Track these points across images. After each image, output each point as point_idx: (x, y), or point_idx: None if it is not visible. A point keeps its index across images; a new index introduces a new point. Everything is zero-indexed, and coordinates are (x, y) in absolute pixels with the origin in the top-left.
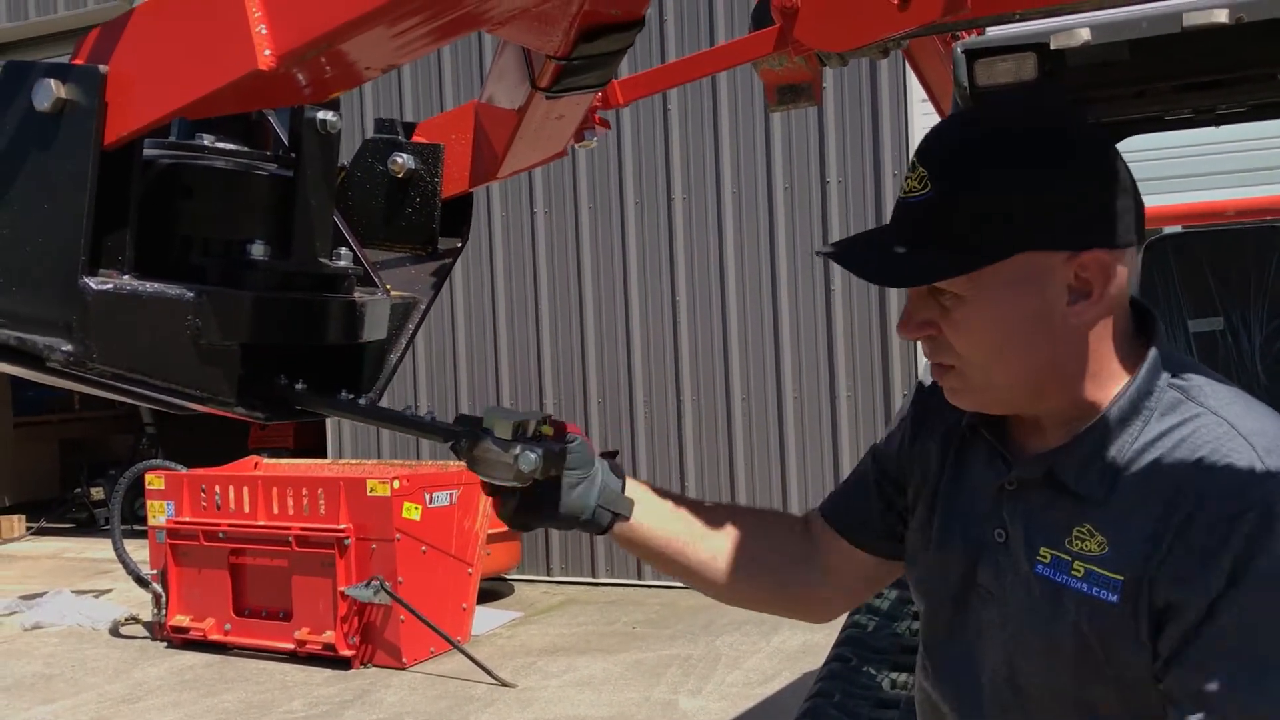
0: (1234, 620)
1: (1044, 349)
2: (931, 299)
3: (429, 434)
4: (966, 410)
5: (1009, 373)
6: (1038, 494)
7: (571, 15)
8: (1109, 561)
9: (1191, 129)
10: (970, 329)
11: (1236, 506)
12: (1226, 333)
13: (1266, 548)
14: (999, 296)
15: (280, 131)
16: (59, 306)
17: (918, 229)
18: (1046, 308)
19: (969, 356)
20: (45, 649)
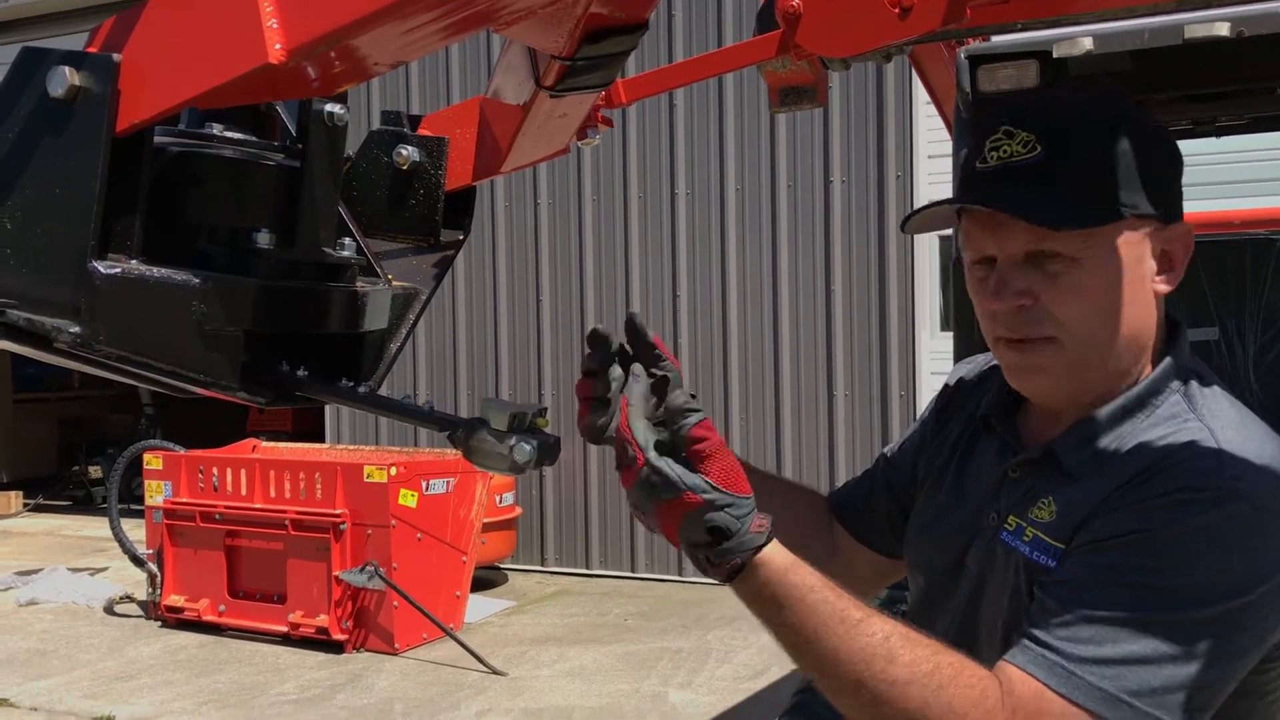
0: (1121, 559)
1: (1134, 318)
2: (1031, 267)
3: (426, 423)
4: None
5: (1108, 342)
6: (1034, 474)
7: (576, 17)
8: (1052, 529)
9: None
10: (1082, 293)
11: (1166, 488)
12: (1221, 342)
13: (1175, 519)
14: (1111, 259)
15: (288, 122)
16: (68, 289)
17: (1037, 185)
18: (1143, 275)
19: (1073, 324)
20: (40, 625)
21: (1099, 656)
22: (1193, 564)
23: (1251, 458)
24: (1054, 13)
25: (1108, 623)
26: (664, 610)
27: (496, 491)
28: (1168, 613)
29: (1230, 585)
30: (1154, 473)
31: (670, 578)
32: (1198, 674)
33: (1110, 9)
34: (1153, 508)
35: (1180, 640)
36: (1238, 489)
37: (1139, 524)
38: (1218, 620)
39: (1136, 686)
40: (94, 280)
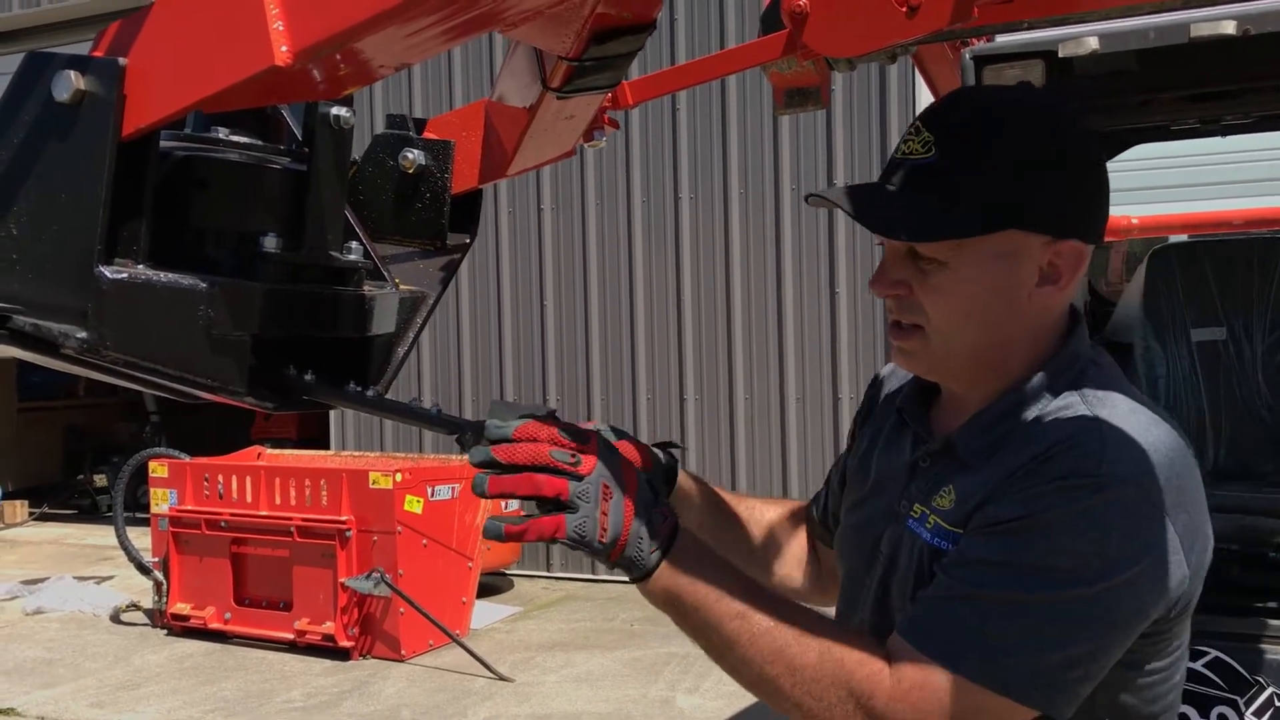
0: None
1: (1005, 324)
2: (910, 261)
3: (434, 426)
4: (911, 386)
5: (969, 341)
6: (939, 464)
7: (584, 17)
8: (950, 515)
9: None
10: (945, 294)
11: (1053, 475)
12: (1229, 342)
13: (1058, 504)
14: (979, 267)
15: (294, 126)
16: (74, 294)
17: (919, 189)
18: (1017, 285)
19: (936, 320)
20: (46, 634)
21: (982, 630)
22: (1072, 547)
23: (1135, 444)
24: (1060, 11)
25: (992, 600)
26: None
27: None
28: (1048, 590)
29: (1107, 565)
30: (1042, 460)
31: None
32: (1075, 648)
33: (1116, 7)
34: (1038, 494)
35: (1059, 617)
36: (1117, 473)
37: (1025, 509)
38: (1095, 598)
39: (1016, 659)
40: (100, 285)
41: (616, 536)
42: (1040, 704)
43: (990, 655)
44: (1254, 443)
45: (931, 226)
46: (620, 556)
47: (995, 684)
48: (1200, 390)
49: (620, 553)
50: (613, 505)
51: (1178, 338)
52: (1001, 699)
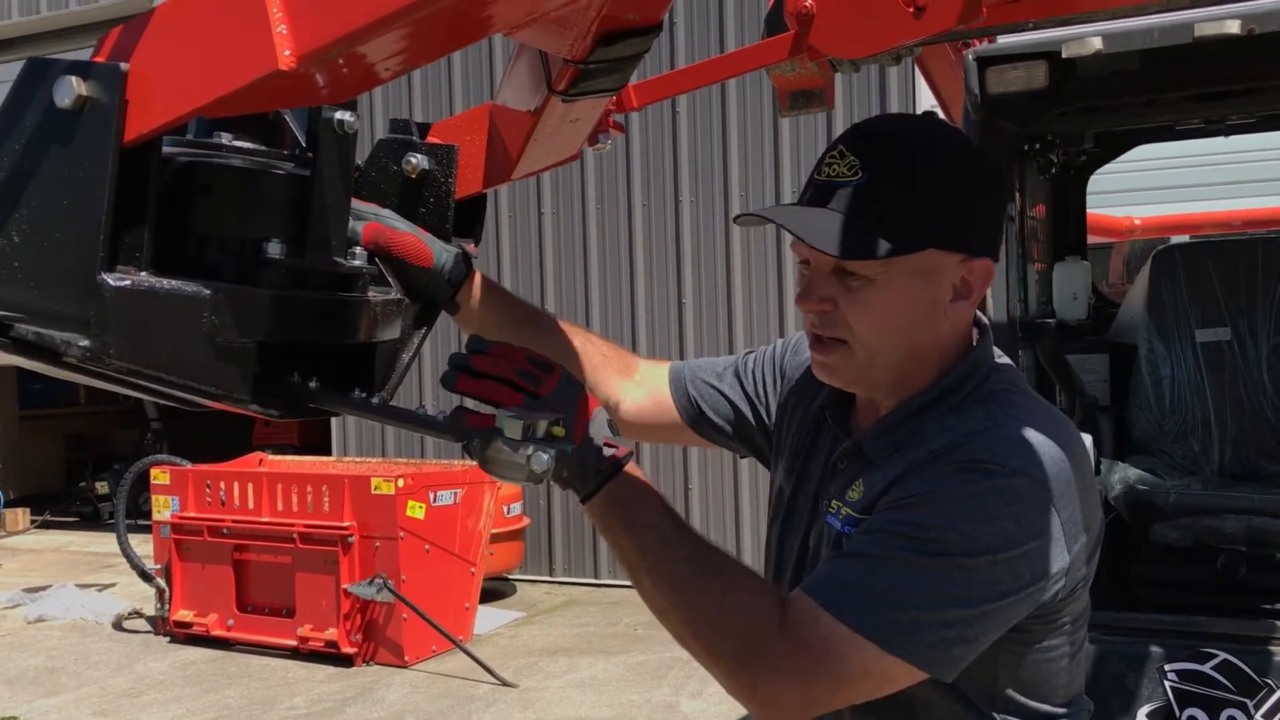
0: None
1: (921, 335)
2: (836, 279)
3: (440, 433)
4: (832, 387)
5: (891, 352)
6: (853, 464)
7: (590, 19)
8: (858, 505)
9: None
10: (872, 308)
11: (954, 461)
12: (1233, 343)
13: (956, 484)
14: (903, 283)
15: (297, 131)
16: (77, 302)
17: (852, 209)
18: (935, 301)
19: (862, 334)
20: (48, 642)
21: (868, 585)
22: (962, 525)
23: (1028, 441)
24: (1065, 11)
25: (881, 560)
26: None
27: (504, 502)
28: (934, 558)
29: (992, 544)
30: (944, 451)
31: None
32: (952, 611)
33: (1122, 7)
34: (938, 476)
35: (941, 581)
36: (1010, 465)
37: (924, 487)
38: (976, 570)
39: (895, 612)
40: (103, 293)
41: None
42: (914, 657)
43: (871, 606)
44: (1260, 444)
45: (870, 245)
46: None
47: (873, 632)
48: (1205, 391)
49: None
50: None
51: (1182, 339)
52: (875, 646)
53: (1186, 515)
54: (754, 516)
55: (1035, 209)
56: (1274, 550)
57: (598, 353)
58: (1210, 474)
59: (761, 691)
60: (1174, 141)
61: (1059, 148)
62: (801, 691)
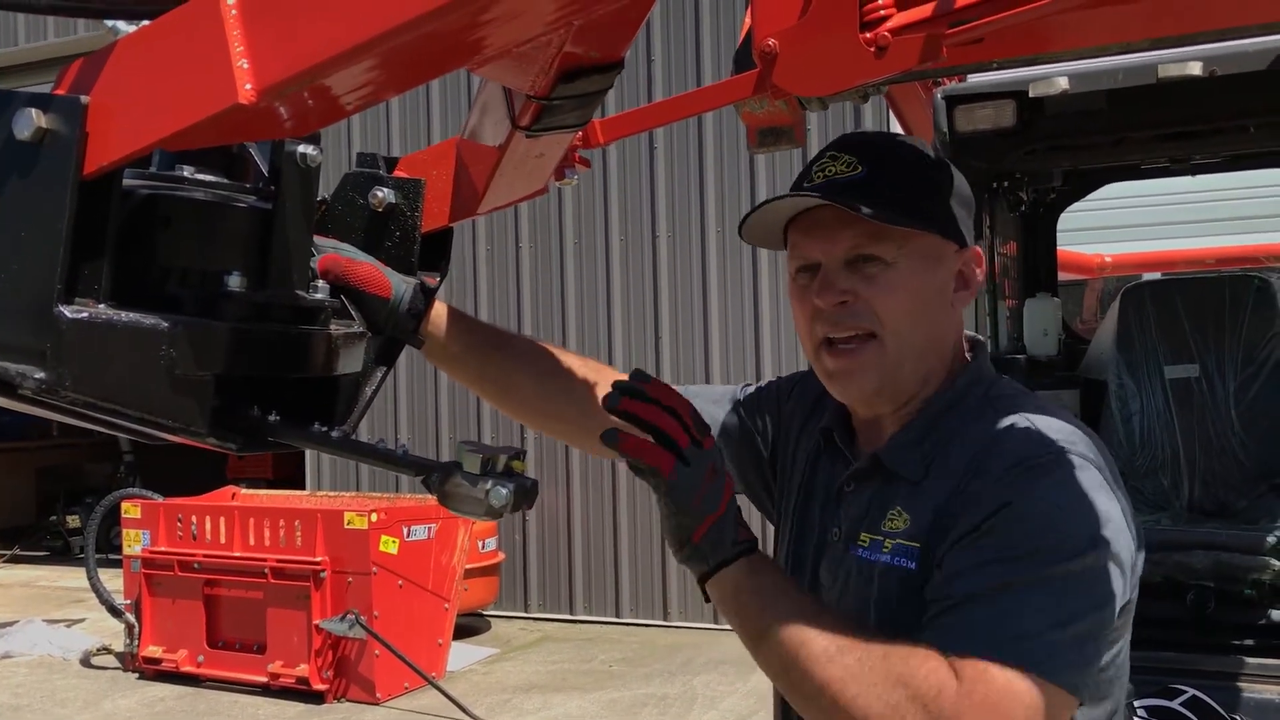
0: (991, 541)
1: (940, 324)
2: (852, 270)
3: (401, 468)
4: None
5: (920, 340)
6: (867, 487)
7: (551, 56)
8: (908, 533)
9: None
10: (896, 289)
11: (1003, 466)
12: (1202, 379)
13: (1023, 490)
14: (919, 265)
15: (261, 164)
16: (33, 334)
17: (858, 197)
18: (943, 288)
19: (890, 319)
20: (14, 679)
21: (1000, 622)
22: (1048, 525)
23: (1063, 430)
24: (1028, 51)
25: (997, 592)
26: (649, 656)
27: (479, 537)
28: (1039, 570)
29: (1085, 537)
30: (984, 458)
31: (655, 622)
32: (1080, 623)
33: (1084, 48)
34: (1001, 487)
35: (1056, 595)
36: (1064, 451)
37: (995, 504)
38: (1084, 572)
39: (1035, 640)
40: (60, 325)
41: (713, 508)
42: (1065, 682)
43: (1016, 640)
44: (1228, 479)
45: (892, 216)
46: (704, 536)
47: (1030, 665)
48: (1174, 427)
49: (703, 533)
50: (715, 483)
51: (1151, 375)
52: (1042, 680)
53: (1156, 551)
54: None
55: (1006, 246)
56: (1243, 586)
57: (579, 371)
58: (1179, 509)
59: None
60: (1142, 180)
61: (1028, 185)
62: None
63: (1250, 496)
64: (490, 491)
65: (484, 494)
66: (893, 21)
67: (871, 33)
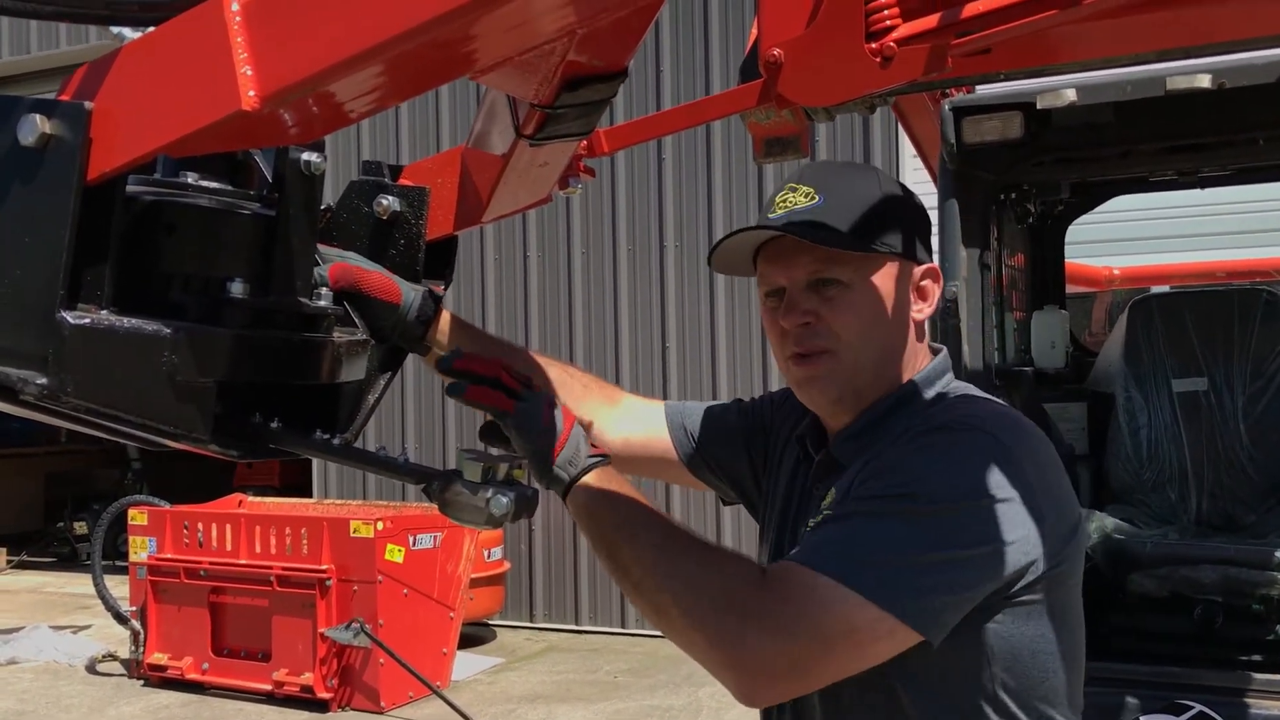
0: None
1: (895, 336)
2: (813, 292)
3: (401, 475)
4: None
5: (874, 353)
6: (828, 484)
7: (554, 64)
8: (831, 504)
9: (1176, 191)
10: (853, 310)
11: (913, 432)
12: (1210, 392)
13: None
14: (875, 286)
15: (265, 171)
16: (35, 339)
17: (814, 226)
18: (902, 304)
19: (846, 337)
20: (19, 685)
21: (844, 540)
22: (926, 477)
23: (991, 412)
24: (1036, 63)
25: (853, 519)
26: (654, 667)
27: (484, 546)
28: (901, 506)
29: (955, 491)
30: (906, 430)
31: (661, 634)
32: (930, 554)
33: (1092, 59)
34: (901, 446)
35: (913, 527)
36: (970, 423)
37: (890, 460)
38: (945, 516)
39: (868, 559)
40: (62, 331)
41: (556, 435)
42: (894, 608)
43: (846, 557)
44: (1236, 493)
45: (845, 243)
46: (560, 454)
47: (851, 580)
48: (1182, 441)
49: (559, 452)
50: (556, 414)
51: (1159, 388)
52: (856, 595)
53: (1163, 565)
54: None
55: (1014, 258)
56: (1250, 601)
57: (578, 383)
58: (1187, 523)
59: (747, 655)
60: (1151, 193)
61: (1035, 197)
62: (787, 651)
63: (1259, 511)
64: (491, 500)
65: (484, 503)
66: (898, 32)
67: (877, 43)
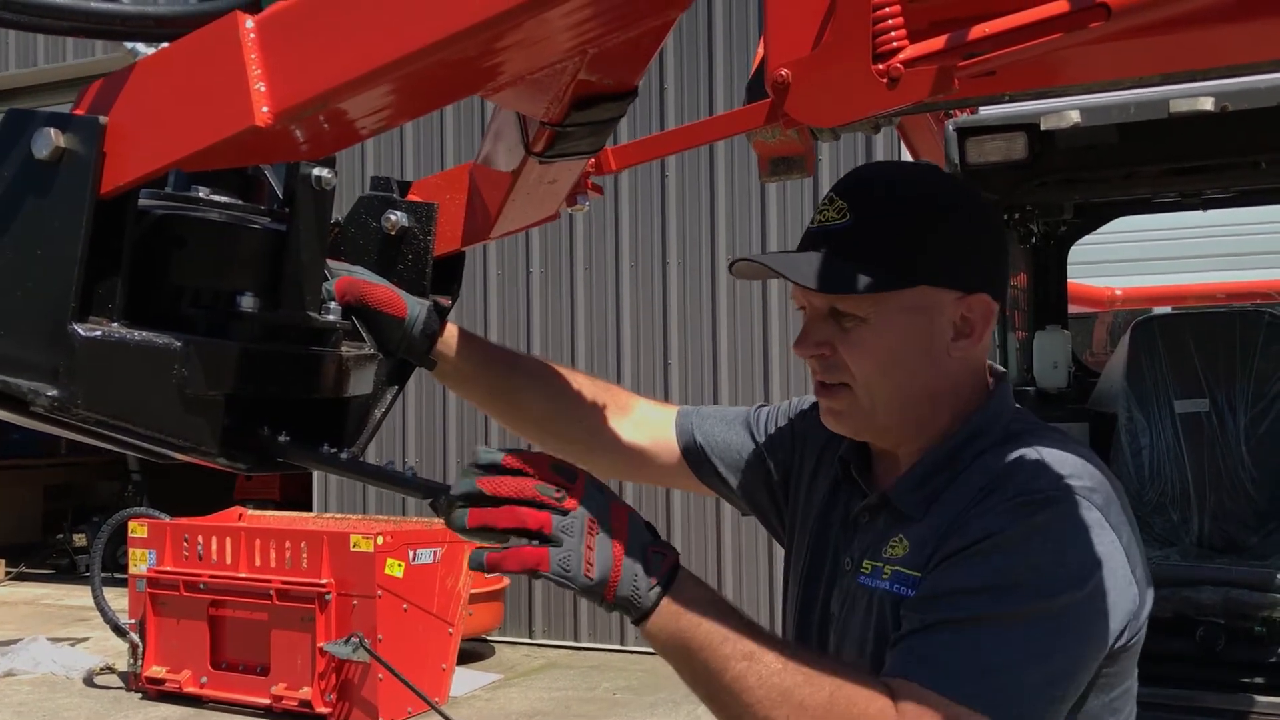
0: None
1: (924, 376)
2: (831, 321)
3: (409, 490)
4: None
5: (892, 393)
6: (878, 519)
7: (565, 83)
8: (907, 560)
9: (1179, 212)
10: (866, 348)
11: (1003, 498)
12: (1212, 414)
13: (1015, 521)
14: (896, 321)
15: (275, 186)
16: (47, 351)
17: (837, 251)
18: (933, 339)
19: (860, 375)
20: (16, 697)
21: (969, 653)
22: (1031, 560)
23: (1071, 466)
24: (1041, 84)
25: (968, 624)
26: (654, 684)
27: None
28: (1017, 606)
29: (1069, 577)
30: (987, 491)
31: None
32: (1052, 664)
33: (1096, 81)
34: (994, 515)
35: (1032, 633)
36: (1068, 488)
37: (983, 531)
38: (1063, 611)
39: (1000, 677)
40: (73, 343)
41: (606, 574)
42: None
43: (978, 676)
44: (1238, 515)
45: (852, 280)
46: (615, 596)
47: (988, 705)
48: (1184, 462)
49: (614, 592)
50: (599, 541)
51: (1161, 409)
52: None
53: (1165, 586)
54: (734, 541)
55: (1016, 278)
56: (1253, 623)
57: (588, 391)
58: (1189, 545)
59: None
60: (1153, 214)
61: (1039, 218)
62: None
63: (1261, 532)
64: None
65: None
66: (906, 53)
67: (884, 64)
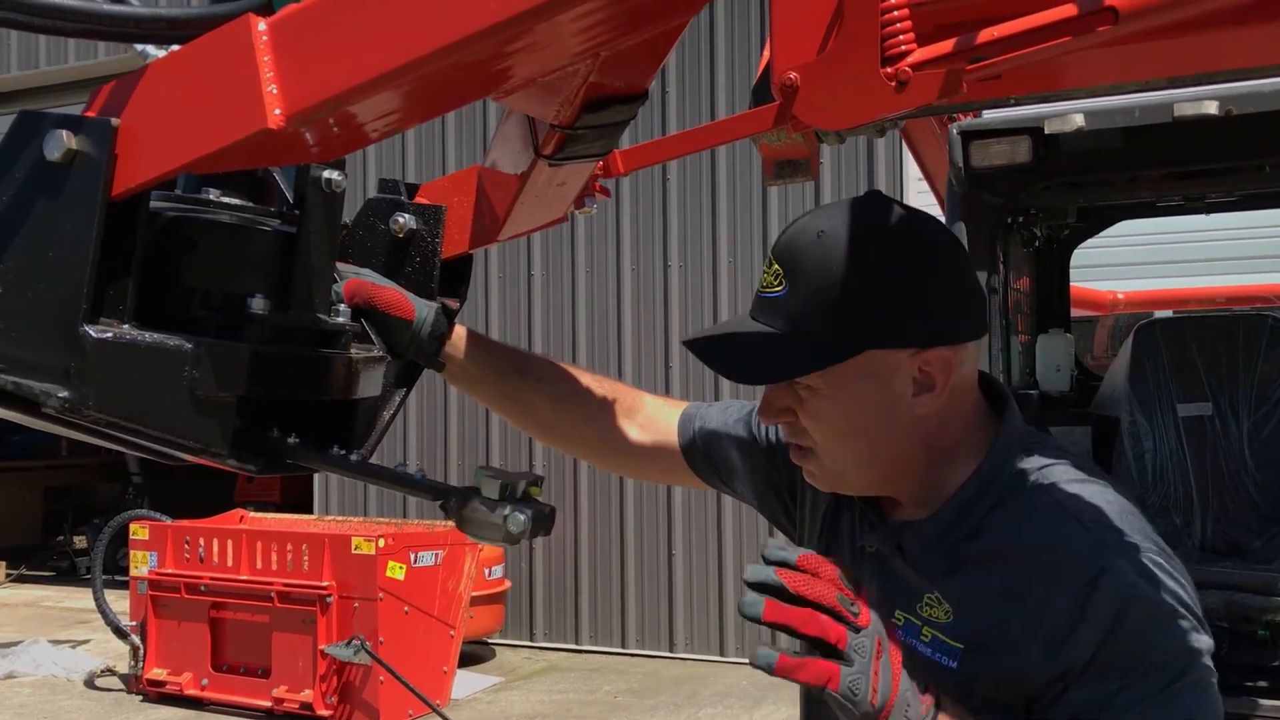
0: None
1: (891, 438)
2: (788, 388)
3: (419, 492)
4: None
5: (858, 459)
6: (894, 562)
7: (576, 86)
8: (951, 630)
9: (1183, 216)
10: (822, 418)
11: (1080, 579)
12: (1214, 417)
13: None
14: (848, 389)
15: (285, 188)
16: (58, 353)
17: (772, 324)
18: (893, 400)
19: (823, 444)
20: (17, 699)
21: None
22: (1158, 640)
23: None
24: (1046, 88)
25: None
26: (655, 687)
27: (485, 564)
28: (1171, 684)
29: (1188, 637)
30: (1049, 568)
31: (661, 654)
32: None
33: (1101, 85)
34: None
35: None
36: (1133, 546)
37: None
38: (1203, 671)
39: None
40: (84, 344)
41: (885, 700)
42: None
43: None
44: (1242, 519)
45: (782, 364)
46: None
47: None
48: (1187, 466)
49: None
50: (883, 665)
51: (1164, 412)
52: None
53: None
54: (735, 542)
55: (1019, 281)
56: (1257, 627)
57: (596, 391)
58: (1192, 549)
59: None
60: (1157, 218)
61: (1042, 221)
62: None
63: (1264, 536)
64: (509, 517)
65: (502, 520)
66: (913, 57)
67: (892, 68)
